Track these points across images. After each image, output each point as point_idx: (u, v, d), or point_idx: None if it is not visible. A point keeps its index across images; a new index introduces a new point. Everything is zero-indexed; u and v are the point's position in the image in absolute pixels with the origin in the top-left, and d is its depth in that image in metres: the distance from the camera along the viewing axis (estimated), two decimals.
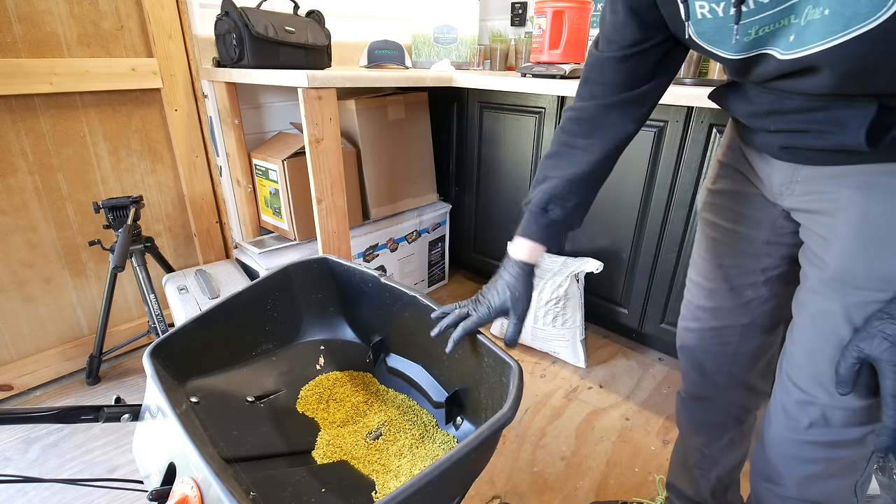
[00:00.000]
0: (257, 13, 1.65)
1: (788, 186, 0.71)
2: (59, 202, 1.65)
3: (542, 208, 0.83)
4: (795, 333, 0.74)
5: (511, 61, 2.45)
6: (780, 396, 0.77)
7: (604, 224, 1.86)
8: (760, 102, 0.66)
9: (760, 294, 0.87)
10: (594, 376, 1.86)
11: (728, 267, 0.88)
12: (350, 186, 1.94)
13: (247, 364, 0.97)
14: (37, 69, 1.49)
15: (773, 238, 0.81)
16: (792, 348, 0.75)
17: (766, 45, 0.57)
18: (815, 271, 0.69)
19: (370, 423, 0.95)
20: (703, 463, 1.08)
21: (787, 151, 0.68)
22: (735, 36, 0.59)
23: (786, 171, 0.70)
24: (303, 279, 1.03)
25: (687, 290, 0.99)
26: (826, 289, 0.66)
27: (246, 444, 0.81)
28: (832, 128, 0.58)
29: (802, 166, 0.67)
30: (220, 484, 0.56)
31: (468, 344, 0.86)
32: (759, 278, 0.86)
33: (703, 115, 1.49)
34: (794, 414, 0.74)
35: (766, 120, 0.67)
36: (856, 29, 0.46)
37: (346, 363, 1.05)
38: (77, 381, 1.78)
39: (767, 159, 0.73)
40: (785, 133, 0.66)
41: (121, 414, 0.74)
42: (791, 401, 0.74)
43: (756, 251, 0.84)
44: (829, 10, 0.48)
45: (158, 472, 0.66)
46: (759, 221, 0.81)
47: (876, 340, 0.58)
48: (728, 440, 1.03)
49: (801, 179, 0.68)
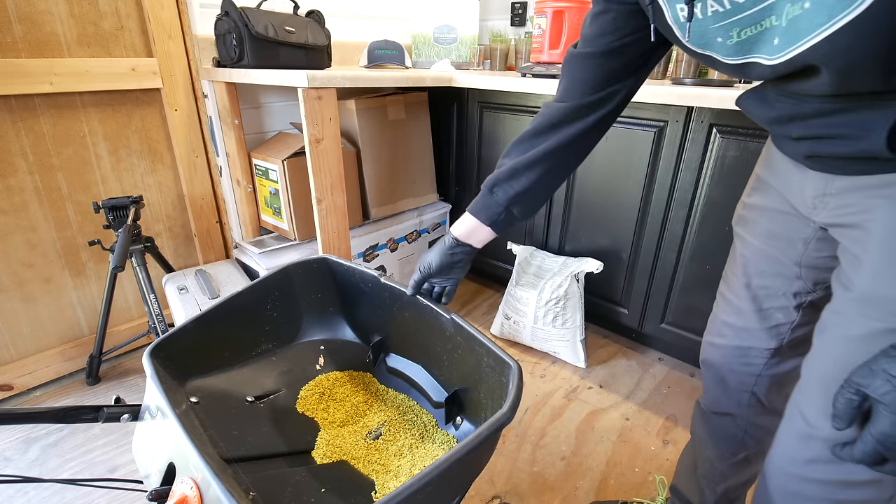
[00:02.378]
0: (257, 13, 1.65)
1: (822, 199, 0.65)
2: (59, 202, 1.65)
3: (489, 188, 0.85)
4: (811, 360, 0.68)
5: (511, 61, 2.45)
6: (784, 427, 0.72)
7: (604, 224, 1.86)
8: (780, 108, 0.63)
9: (791, 319, 0.81)
10: (594, 376, 1.86)
11: (756, 287, 0.83)
12: (350, 186, 1.94)
13: (247, 364, 0.97)
14: (37, 69, 1.49)
15: (806, 261, 0.75)
16: (806, 376, 0.69)
17: (752, 51, 0.56)
18: (842, 291, 0.63)
19: (370, 423, 0.95)
20: (712, 475, 1.04)
21: (813, 161, 0.64)
22: (686, 37, 0.58)
23: (819, 182, 0.65)
24: (303, 279, 1.03)
25: (716, 303, 0.94)
26: (850, 311, 0.60)
27: (246, 444, 0.81)
28: (853, 132, 0.55)
29: (836, 177, 0.62)
30: (220, 484, 0.56)
31: (468, 344, 0.86)
32: (790, 302, 0.80)
33: (703, 115, 1.49)
34: (795, 447, 0.69)
35: (788, 126, 0.64)
36: (841, 18, 0.44)
37: (345, 363, 1.06)
38: (77, 381, 1.78)
39: (803, 169, 0.68)
40: (808, 140, 0.62)
41: (121, 414, 0.75)
42: (794, 433, 0.69)
43: (787, 273, 0.78)
44: (809, 3, 0.46)
45: (158, 472, 0.66)
46: (792, 241, 0.76)
47: (878, 380, 0.51)
48: (743, 458, 0.99)
49: (834, 192, 0.63)
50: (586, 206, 1.89)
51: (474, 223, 0.87)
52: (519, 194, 0.83)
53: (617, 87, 0.78)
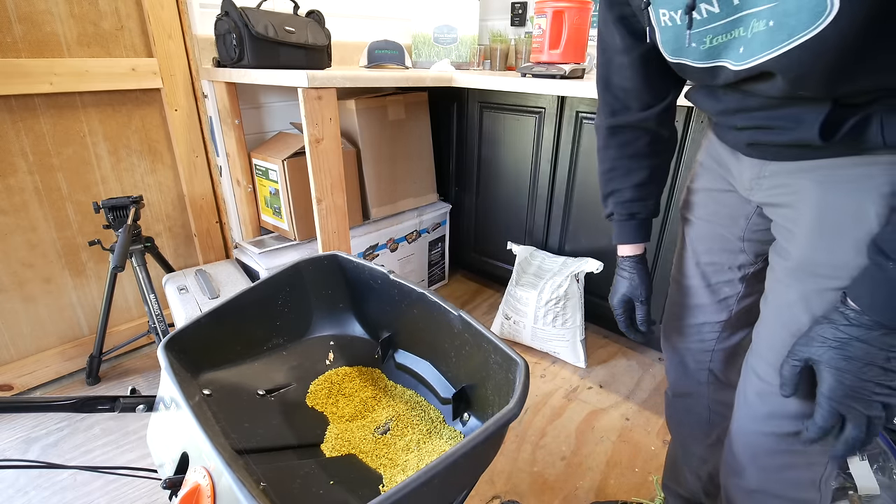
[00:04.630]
0: (257, 13, 1.65)
1: (757, 181, 0.73)
2: (59, 202, 1.64)
3: (629, 214, 0.93)
4: (760, 325, 0.76)
5: (511, 61, 2.47)
6: (742, 388, 0.79)
7: (604, 224, 1.87)
8: (727, 101, 0.70)
9: (737, 291, 0.89)
10: (594, 376, 1.87)
11: (705, 264, 0.91)
12: (350, 186, 1.95)
13: (258, 358, 0.98)
14: (37, 69, 1.49)
15: (748, 235, 0.83)
16: (756, 340, 0.77)
17: (721, 56, 0.62)
18: (779, 262, 0.71)
19: (378, 418, 0.95)
20: (691, 461, 1.09)
21: (753, 148, 0.71)
22: (690, 43, 0.63)
23: (754, 167, 0.73)
24: (313, 275, 1.03)
25: (670, 289, 1.02)
26: (789, 278, 0.69)
27: (256, 436, 0.81)
28: (791, 124, 0.61)
29: (769, 162, 0.70)
30: (232, 474, 0.56)
31: (475, 341, 0.87)
32: (735, 275, 0.88)
33: (702, 115, 1.50)
34: (754, 404, 0.76)
35: (734, 117, 0.71)
36: (799, 37, 0.51)
37: (355, 359, 1.06)
38: (77, 381, 1.77)
39: (739, 156, 0.76)
40: (750, 130, 0.69)
41: (136, 405, 0.75)
42: (752, 391, 0.76)
43: (732, 248, 0.86)
44: (773, 22, 0.52)
45: (172, 461, 0.67)
46: (735, 218, 0.84)
47: (815, 343, 0.61)
48: (715, 437, 1.04)
49: (768, 175, 0.71)
50: (586, 206, 1.90)
51: (630, 246, 0.96)
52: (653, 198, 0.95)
53: None
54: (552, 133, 1.89)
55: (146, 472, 0.77)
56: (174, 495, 0.64)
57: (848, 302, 0.59)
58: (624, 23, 0.78)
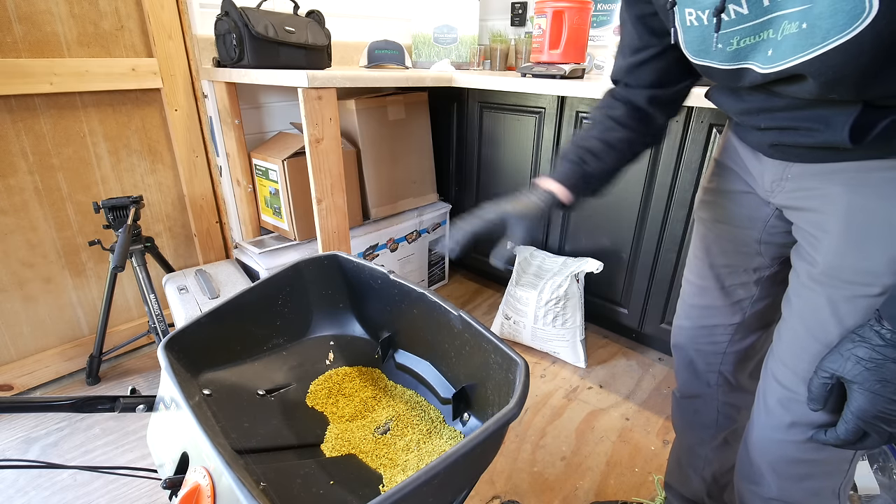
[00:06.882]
0: (257, 13, 1.65)
1: (779, 184, 0.72)
2: (59, 202, 1.64)
3: (579, 158, 0.81)
4: (783, 330, 0.74)
5: (511, 61, 2.47)
6: (763, 395, 0.77)
7: (604, 224, 1.87)
8: (751, 101, 0.68)
9: (752, 294, 0.88)
10: (594, 376, 1.87)
11: (720, 266, 0.89)
12: (350, 186, 1.95)
13: (258, 358, 0.98)
14: (37, 69, 1.49)
15: (765, 237, 0.82)
16: (778, 345, 0.75)
17: (748, 58, 0.59)
18: (805, 267, 0.69)
19: (378, 417, 0.95)
20: (696, 462, 1.08)
21: (777, 149, 0.69)
22: (717, 44, 0.61)
23: (777, 168, 0.71)
24: (313, 275, 1.03)
25: (682, 289, 1.00)
26: (815, 284, 0.67)
27: (256, 436, 0.81)
28: (818, 125, 0.60)
29: (792, 164, 0.68)
30: (232, 474, 0.56)
31: (476, 341, 0.87)
32: (750, 278, 0.87)
33: (703, 115, 1.50)
34: (777, 412, 0.74)
35: (757, 118, 0.69)
36: (834, 40, 0.49)
37: (355, 359, 1.06)
38: (77, 381, 1.77)
39: (760, 157, 0.74)
40: (775, 130, 0.67)
41: (136, 404, 0.75)
42: (774, 399, 0.74)
43: (748, 250, 0.85)
44: (806, 24, 0.50)
45: (172, 461, 0.67)
46: (752, 220, 0.82)
47: (849, 363, 0.59)
48: (722, 440, 1.03)
49: (791, 177, 0.69)
50: (586, 206, 1.90)
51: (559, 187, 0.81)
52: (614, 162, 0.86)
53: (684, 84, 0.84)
54: (552, 133, 1.88)
55: (146, 472, 0.77)
56: (174, 495, 0.64)
57: (883, 321, 0.57)
58: (643, 21, 0.76)
